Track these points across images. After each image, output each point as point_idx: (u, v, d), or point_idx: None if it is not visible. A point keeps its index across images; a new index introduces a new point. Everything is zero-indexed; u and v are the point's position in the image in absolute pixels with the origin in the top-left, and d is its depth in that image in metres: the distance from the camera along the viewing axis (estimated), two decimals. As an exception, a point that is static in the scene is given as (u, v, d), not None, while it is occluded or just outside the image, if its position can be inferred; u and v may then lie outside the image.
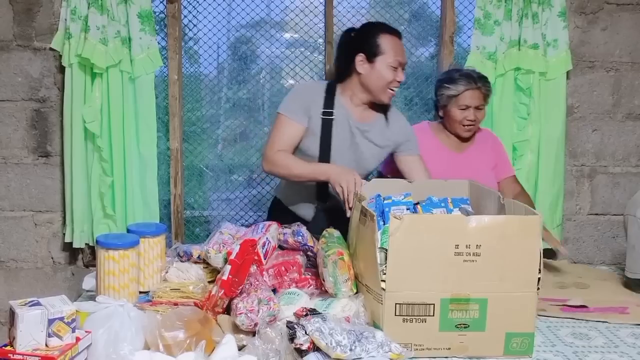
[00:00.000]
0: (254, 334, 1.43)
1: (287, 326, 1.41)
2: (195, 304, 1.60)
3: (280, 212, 2.28)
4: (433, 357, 1.50)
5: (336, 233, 1.80)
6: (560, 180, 2.86)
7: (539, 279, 1.48)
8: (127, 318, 1.40)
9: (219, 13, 2.99)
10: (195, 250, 1.86)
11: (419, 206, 1.80)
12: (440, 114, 2.46)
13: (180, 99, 2.90)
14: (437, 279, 1.47)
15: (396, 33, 2.14)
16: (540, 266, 1.48)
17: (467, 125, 2.38)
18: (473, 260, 1.46)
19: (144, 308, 1.58)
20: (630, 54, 2.93)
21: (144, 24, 2.66)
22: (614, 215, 3.00)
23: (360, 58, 2.10)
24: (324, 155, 2.15)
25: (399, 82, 2.13)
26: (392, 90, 2.14)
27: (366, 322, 1.53)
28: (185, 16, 2.94)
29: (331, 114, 2.15)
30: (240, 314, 1.45)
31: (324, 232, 1.82)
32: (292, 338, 1.37)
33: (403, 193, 1.82)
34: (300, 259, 1.81)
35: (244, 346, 1.42)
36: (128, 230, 1.75)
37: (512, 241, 1.47)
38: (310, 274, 1.81)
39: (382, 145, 2.23)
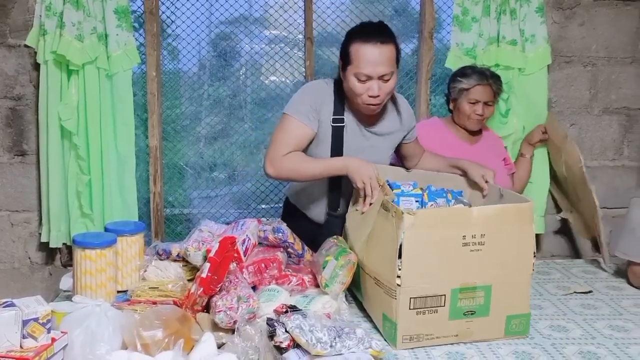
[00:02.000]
0: (233, 331, 1.43)
1: (267, 323, 1.40)
2: (175, 303, 1.59)
3: (293, 214, 2.15)
4: (442, 344, 1.55)
5: None
6: (546, 175, 2.88)
7: (533, 263, 1.57)
8: (104, 318, 1.38)
9: (198, 9, 2.96)
10: (175, 248, 1.84)
11: (425, 194, 1.82)
12: (451, 107, 2.56)
13: (159, 96, 2.87)
14: (447, 270, 1.52)
15: (374, 40, 1.86)
16: (534, 250, 1.56)
17: (475, 119, 2.48)
18: (478, 250, 1.52)
19: (122, 307, 1.56)
20: (606, 49, 2.96)
21: (120, 20, 2.62)
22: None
23: (340, 63, 1.95)
24: None
25: (371, 96, 1.88)
26: (368, 104, 1.91)
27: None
28: (163, 12, 2.90)
29: (342, 120, 1.98)
30: (219, 311, 1.44)
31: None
32: (271, 335, 1.36)
33: (411, 183, 1.86)
34: (280, 255, 1.80)
35: (223, 344, 1.41)
36: (105, 229, 1.73)
37: (510, 228, 1.55)
38: (291, 270, 1.80)
39: (398, 136, 2.12)
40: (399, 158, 2.24)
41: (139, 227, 1.78)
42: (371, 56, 1.85)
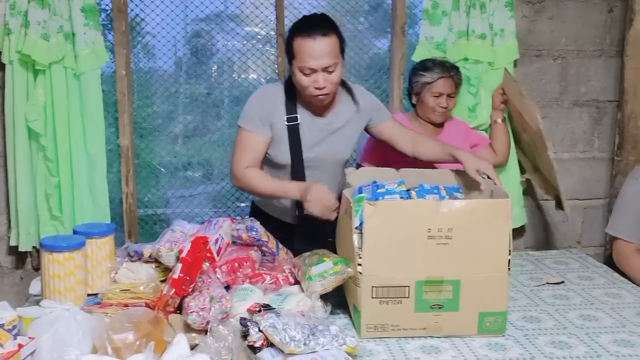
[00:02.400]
0: (206, 332, 1.41)
1: (240, 323, 1.39)
2: (147, 305, 1.57)
3: (262, 219, 2.06)
4: (410, 336, 1.56)
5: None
6: (515, 167, 2.91)
7: (509, 260, 1.55)
8: (73, 322, 1.36)
9: (169, 6, 2.92)
10: (147, 249, 1.81)
11: (413, 192, 1.81)
12: (414, 101, 2.55)
13: (130, 95, 2.82)
14: (411, 262, 1.53)
15: (313, 34, 1.88)
16: (510, 248, 1.54)
17: (440, 112, 2.48)
18: (445, 244, 1.52)
19: (92, 311, 1.53)
20: (575, 42, 3.00)
21: (88, 18, 2.56)
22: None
23: (287, 59, 1.99)
24: (297, 161, 2.04)
25: (318, 89, 1.91)
26: (316, 95, 1.94)
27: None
28: (132, 9, 2.85)
29: (296, 118, 2.02)
30: (191, 312, 1.43)
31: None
32: (245, 335, 1.35)
33: (396, 181, 1.85)
34: (254, 254, 1.79)
35: (196, 345, 1.40)
36: (74, 232, 1.70)
37: (483, 224, 1.54)
38: (265, 269, 1.79)
39: (358, 124, 2.14)
40: (391, 146, 2.20)
41: (109, 229, 1.75)
42: (313, 49, 1.87)
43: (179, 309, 1.54)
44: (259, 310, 1.42)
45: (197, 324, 1.42)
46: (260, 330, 1.35)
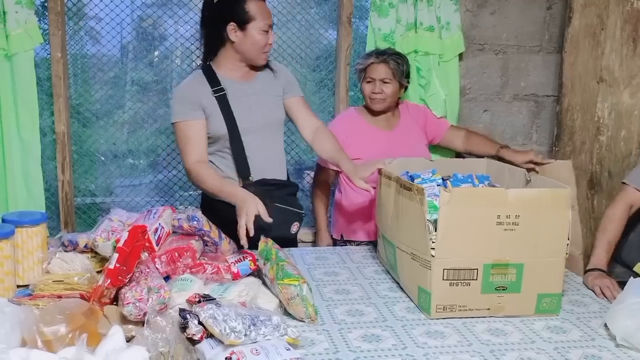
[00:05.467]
0: (143, 323, 1.37)
1: (179, 314, 1.36)
2: (81, 296, 1.51)
3: (212, 205, 2.15)
4: (474, 317, 1.65)
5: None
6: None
7: (567, 245, 1.65)
8: (0, 314, 1.29)
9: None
10: (82, 239, 1.75)
11: (448, 182, 1.89)
12: (361, 94, 2.56)
13: (66, 79, 2.71)
14: (480, 246, 1.62)
15: None
16: (569, 234, 1.65)
17: (375, 99, 2.47)
18: (512, 229, 1.61)
19: (23, 302, 1.46)
20: (516, 37, 3.07)
21: (20, -4, 2.45)
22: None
23: (231, 27, 2.09)
24: (232, 128, 2.13)
25: (270, 44, 2.14)
26: (266, 52, 2.16)
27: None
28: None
29: (221, 89, 2.14)
30: (128, 303, 1.38)
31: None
32: (184, 328, 1.31)
33: (430, 170, 1.95)
34: (195, 244, 1.75)
35: (133, 337, 1.35)
36: (3, 220, 1.61)
37: (545, 212, 1.63)
38: (206, 259, 1.76)
39: (278, 93, 2.25)
40: (298, 127, 2.29)
41: (41, 218, 1.67)
42: (266, 9, 2.12)
43: (116, 301, 1.49)
44: (199, 301, 1.38)
45: (133, 315, 1.38)
46: (199, 323, 1.31)
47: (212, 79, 2.15)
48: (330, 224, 2.67)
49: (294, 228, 2.17)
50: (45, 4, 2.65)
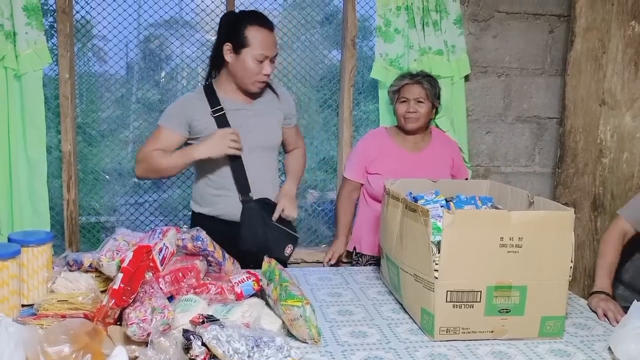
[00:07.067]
0: (147, 344, 1.37)
1: (182, 335, 1.36)
2: (85, 316, 1.51)
3: (204, 224, 2.01)
4: (477, 339, 1.63)
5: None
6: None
7: (571, 267, 1.64)
8: (4, 334, 1.29)
9: (125, 11, 2.85)
10: (87, 258, 1.75)
11: (451, 203, 1.91)
12: (394, 114, 2.61)
13: (73, 99, 2.74)
14: (483, 268, 1.61)
15: (266, 25, 2.12)
16: (572, 256, 1.64)
17: (409, 118, 2.51)
18: (515, 252, 1.60)
19: (27, 322, 1.47)
20: (519, 60, 3.11)
21: (30, 17, 2.48)
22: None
23: (227, 47, 2.12)
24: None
25: (265, 75, 2.13)
26: (261, 82, 2.16)
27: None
28: (79, 11, 2.78)
29: (221, 109, 2.17)
30: (132, 324, 1.39)
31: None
32: (187, 349, 1.32)
33: (433, 191, 1.97)
34: (199, 264, 1.75)
35: (136, 357, 1.35)
36: (9, 240, 1.62)
37: (549, 234, 1.62)
38: (210, 279, 1.76)
39: (279, 113, 2.29)
40: (284, 147, 2.43)
41: (46, 237, 1.68)
42: (267, 39, 2.11)
43: (119, 321, 1.49)
44: (203, 322, 1.38)
45: (137, 335, 1.38)
46: (203, 344, 1.32)
47: (212, 99, 2.18)
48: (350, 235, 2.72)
49: (288, 250, 2.23)
50: (54, 25, 2.70)
